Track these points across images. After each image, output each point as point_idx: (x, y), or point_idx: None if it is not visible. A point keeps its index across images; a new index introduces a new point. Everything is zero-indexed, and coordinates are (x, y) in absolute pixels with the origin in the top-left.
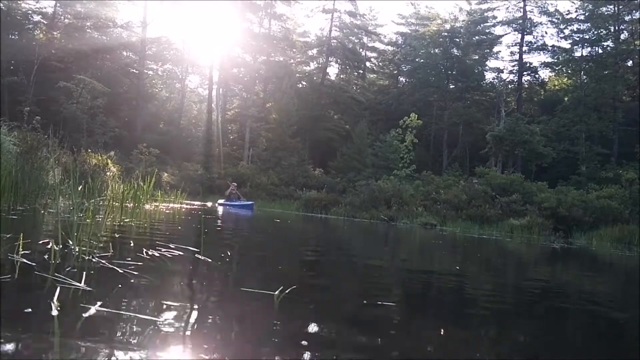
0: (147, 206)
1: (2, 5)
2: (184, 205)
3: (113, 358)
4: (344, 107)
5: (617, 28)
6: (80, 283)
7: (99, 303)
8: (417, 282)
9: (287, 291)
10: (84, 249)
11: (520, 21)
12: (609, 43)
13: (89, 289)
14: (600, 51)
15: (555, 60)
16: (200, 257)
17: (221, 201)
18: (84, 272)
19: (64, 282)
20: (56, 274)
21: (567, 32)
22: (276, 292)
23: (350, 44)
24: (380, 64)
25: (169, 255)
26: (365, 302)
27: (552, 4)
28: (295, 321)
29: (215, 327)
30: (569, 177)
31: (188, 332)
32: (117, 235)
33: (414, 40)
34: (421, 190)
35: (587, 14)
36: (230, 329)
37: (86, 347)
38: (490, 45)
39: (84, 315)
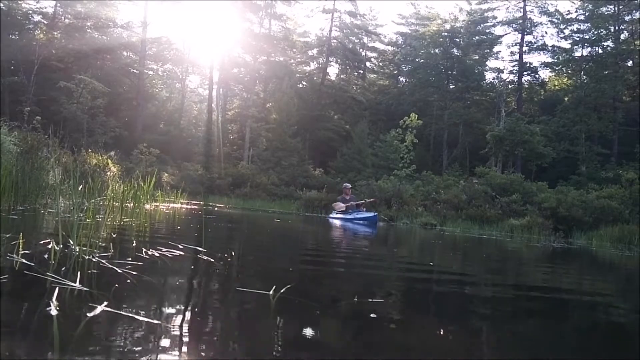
0: (147, 206)
1: (2, 5)
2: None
3: (112, 358)
4: (344, 107)
5: (617, 28)
6: (80, 283)
7: (99, 303)
8: (417, 281)
9: (282, 290)
10: (84, 248)
11: (520, 21)
12: (609, 43)
13: (88, 289)
14: (600, 51)
15: (556, 60)
16: (201, 257)
17: (334, 214)
18: (84, 272)
19: (63, 282)
20: (56, 274)
21: (567, 32)
22: (271, 292)
23: (350, 44)
24: (380, 64)
25: (170, 255)
26: (363, 300)
27: (552, 4)
28: (294, 320)
29: (214, 327)
30: (569, 177)
31: (187, 333)
32: (117, 235)
33: (414, 40)
34: (421, 190)
35: (587, 14)
36: (228, 329)
37: (86, 347)
38: (490, 45)
39: (83, 315)
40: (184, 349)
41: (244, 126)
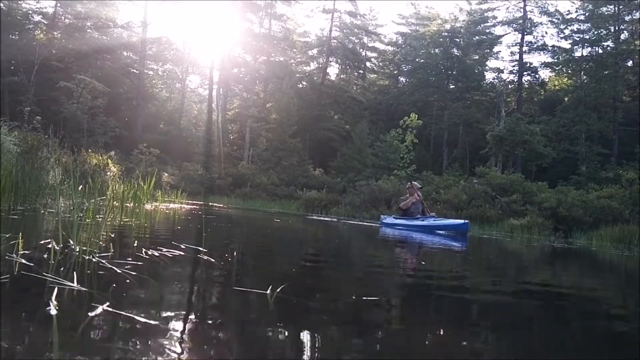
0: (147, 206)
1: (2, 5)
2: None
3: (112, 358)
4: (344, 107)
5: (617, 28)
6: (80, 283)
7: (99, 303)
8: (416, 280)
9: (278, 290)
10: (84, 248)
11: (521, 21)
12: (609, 43)
13: (87, 289)
14: (600, 51)
15: (556, 60)
16: (201, 257)
17: (390, 219)
18: (84, 272)
19: (63, 282)
20: (55, 274)
21: (567, 32)
22: (268, 291)
23: (350, 44)
24: (381, 64)
25: (170, 255)
26: (362, 299)
27: (552, 4)
28: (291, 319)
29: (213, 326)
30: (569, 177)
31: (186, 332)
32: (117, 235)
33: (414, 40)
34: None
35: (587, 14)
36: (226, 328)
37: (86, 347)
38: (491, 45)
39: (83, 315)
40: (183, 348)
41: (244, 126)
